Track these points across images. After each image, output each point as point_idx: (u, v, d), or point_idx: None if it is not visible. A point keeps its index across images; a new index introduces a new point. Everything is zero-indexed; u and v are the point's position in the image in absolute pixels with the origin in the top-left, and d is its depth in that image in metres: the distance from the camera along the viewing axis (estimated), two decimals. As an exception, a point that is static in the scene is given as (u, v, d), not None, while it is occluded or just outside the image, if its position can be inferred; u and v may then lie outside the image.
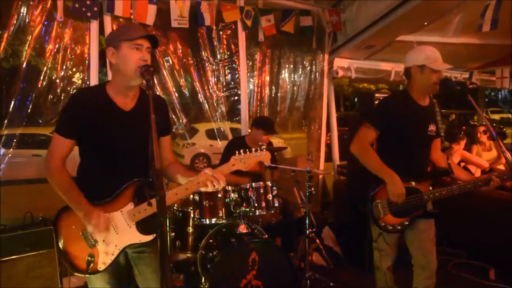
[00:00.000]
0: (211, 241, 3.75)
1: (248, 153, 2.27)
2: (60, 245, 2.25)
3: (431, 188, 2.94)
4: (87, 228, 2.20)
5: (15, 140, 4.37)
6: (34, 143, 8.99)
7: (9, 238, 3.42)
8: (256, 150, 2.27)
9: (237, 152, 2.28)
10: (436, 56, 2.89)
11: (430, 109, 3.04)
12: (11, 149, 4.38)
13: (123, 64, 2.17)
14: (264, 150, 2.28)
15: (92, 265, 2.20)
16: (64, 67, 4.32)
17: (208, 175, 2.19)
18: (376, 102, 4.58)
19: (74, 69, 4.40)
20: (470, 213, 4.70)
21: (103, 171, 2.28)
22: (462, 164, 5.61)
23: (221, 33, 5.27)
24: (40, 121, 4.51)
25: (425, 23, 4.78)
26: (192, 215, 3.87)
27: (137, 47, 2.15)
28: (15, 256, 3.41)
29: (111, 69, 2.28)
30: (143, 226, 2.26)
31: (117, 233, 2.23)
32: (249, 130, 4.62)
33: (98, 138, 2.22)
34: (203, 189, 2.24)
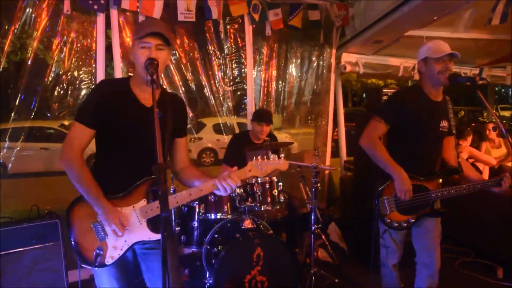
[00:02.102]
0: (216, 236, 3.74)
1: (265, 159, 2.23)
2: (71, 236, 2.24)
3: (439, 186, 2.90)
4: (105, 227, 2.19)
5: (23, 133, 4.38)
6: (42, 136, 9.05)
7: (15, 230, 3.42)
8: (274, 158, 2.24)
9: (255, 158, 2.24)
10: (439, 46, 2.84)
11: (443, 105, 3.00)
12: (19, 142, 4.40)
13: (135, 62, 2.18)
14: (282, 158, 2.25)
15: (100, 258, 2.19)
16: (71, 61, 4.33)
17: (221, 178, 2.16)
18: (384, 98, 4.54)
19: (81, 63, 4.40)
20: (477, 211, 4.65)
21: (119, 165, 2.26)
22: (470, 160, 5.56)
23: (228, 27, 5.25)
24: (49, 114, 4.52)
25: (435, 18, 4.72)
26: (197, 210, 3.86)
27: (144, 46, 2.12)
28: (21, 249, 3.41)
29: None
30: (154, 224, 2.24)
31: (127, 228, 2.22)
32: (249, 126, 4.62)
33: (118, 130, 2.21)
34: (218, 192, 2.21)
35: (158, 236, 2.23)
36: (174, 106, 2.32)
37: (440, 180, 2.91)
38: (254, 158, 2.23)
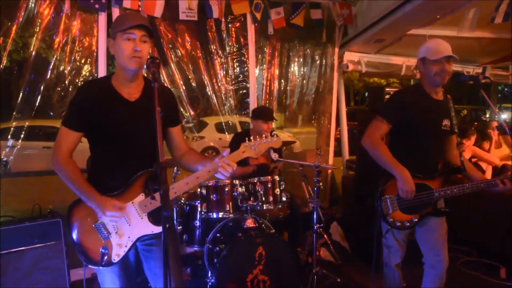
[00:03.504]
0: (218, 235, 3.74)
1: (258, 139, 2.24)
2: (74, 238, 2.24)
3: (442, 185, 2.88)
4: (104, 219, 2.20)
5: (23, 132, 4.38)
6: (45, 135, 9.05)
7: (17, 229, 3.43)
8: (266, 137, 2.24)
9: (247, 139, 2.25)
10: (438, 47, 2.81)
11: (445, 104, 2.98)
12: (21, 141, 4.40)
13: (118, 54, 2.17)
14: (275, 135, 2.25)
15: (106, 257, 2.20)
16: (73, 59, 4.33)
17: (217, 162, 2.17)
18: (386, 97, 4.53)
19: (82, 62, 4.40)
20: (480, 210, 4.63)
21: (112, 163, 2.27)
22: (473, 160, 5.54)
23: (230, 25, 5.25)
24: (51, 113, 4.52)
25: (437, 17, 4.70)
26: (199, 209, 3.86)
27: (129, 37, 2.12)
28: (22, 248, 3.42)
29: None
30: (155, 216, 2.25)
31: (129, 224, 2.23)
32: (251, 124, 4.59)
33: (105, 129, 2.22)
34: (217, 175, 2.22)
35: (160, 229, 2.23)
36: (162, 97, 2.31)
37: (443, 179, 2.90)
38: (247, 139, 2.22)
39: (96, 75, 4.35)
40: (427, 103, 2.90)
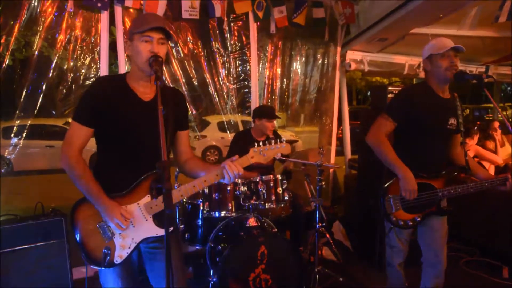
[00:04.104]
0: (220, 234, 3.74)
1: (267, 145, 2.22)
2: (77, 238, 2.22)
3: (446, 185, 2.87)
4: (109, 224, 2.17)
5: (25, 131, 4.39)
6: (47, 134, 9.07)
7: (19, 228, 3.43)
8: (275, 142, 2.23)
9: (256, 144, 2.24)
10: (442, 42, 2.81)
11: (451, 103, 2.97)
12: (25, 140, 4.41)
13: (135, 56, 2.15)
14: (284, 142, 2.24)
15: (108, 258, 2.18)
16: (75, 58, 4.33)
17: (225, 166, 2.16)
18: (389, 96, 4.51)
19: (84, 60, 4.40)
20: (483, 209, 4.62)
21: (120, 162, 2.24)
22: (476, 159, 5.53)
23: (232, 24, 5.24)
24: (54, 112, 4.53)
25: (440, 16, 4.69)
26: (201, 208, 3.86)
27: (147, 40, 2.11)
28: (25, 246, 3.43)
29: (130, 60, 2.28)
30: (160, 219, 2.22)
31: (133, 226, 2.20)
32: (252, 124, 4.58)
33: (117, 127, 2.19)
34: (222, 180, 2.21)
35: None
36: (174, 99, 2.31)
37: (447, 179, 2.89)
38: (256, 144, 2.22)
39: (98, 74, 4.35)
40: (434, 101, 2.88)
